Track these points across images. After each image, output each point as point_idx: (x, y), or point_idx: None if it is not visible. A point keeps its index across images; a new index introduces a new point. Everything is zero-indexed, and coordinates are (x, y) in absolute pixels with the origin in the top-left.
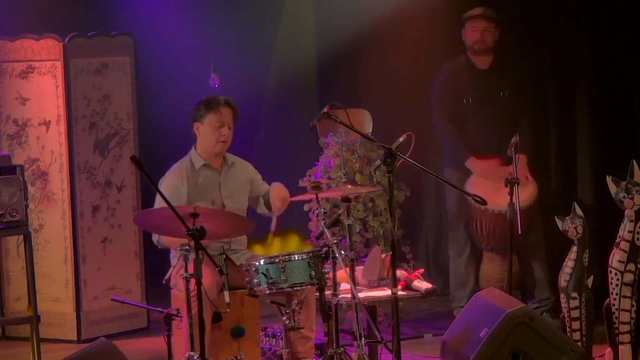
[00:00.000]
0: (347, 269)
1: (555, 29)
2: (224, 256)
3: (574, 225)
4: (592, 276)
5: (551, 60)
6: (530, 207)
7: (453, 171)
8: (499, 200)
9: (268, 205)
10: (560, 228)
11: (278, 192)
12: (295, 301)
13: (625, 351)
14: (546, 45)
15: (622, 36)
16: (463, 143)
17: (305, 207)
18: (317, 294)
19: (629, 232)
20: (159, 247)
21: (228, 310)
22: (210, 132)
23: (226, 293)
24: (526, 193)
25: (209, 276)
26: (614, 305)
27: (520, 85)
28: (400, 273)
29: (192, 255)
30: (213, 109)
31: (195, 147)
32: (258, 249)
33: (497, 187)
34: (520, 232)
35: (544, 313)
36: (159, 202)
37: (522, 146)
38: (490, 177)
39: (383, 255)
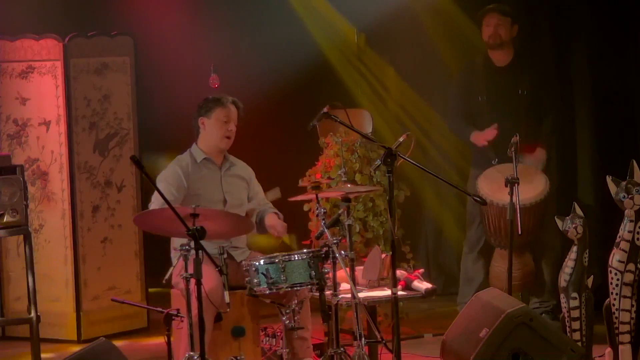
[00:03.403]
0: (347, 269)
1: (555, 29)
2: (224, 256)
3: (574, 225)
4: (592, 276)
5: (551, 59)
6: (542, 203)
7: (479, 171)
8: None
9: (260, 225)
10: (560, 228)
11: (275, 226)
12: (295, 301)
13: (625, 351)
14: (546, 44)
15: (623, 35)
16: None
17: (305, 207)
18: (317, 293)
19: (629, 232)
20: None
21: (228, 310)
22: (217, 127)
23: (226, 293)
24: (537, 189)
25: (213, 278)
26: (614, 305)
27: (535, 83)
28: (400, 273)
29: (192, 255)
30: (222, 104)
31: (196, 143)
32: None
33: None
34: (520, 232)
35: (543, 314)
36: (156, 199)
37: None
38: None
39: (383, 255)
